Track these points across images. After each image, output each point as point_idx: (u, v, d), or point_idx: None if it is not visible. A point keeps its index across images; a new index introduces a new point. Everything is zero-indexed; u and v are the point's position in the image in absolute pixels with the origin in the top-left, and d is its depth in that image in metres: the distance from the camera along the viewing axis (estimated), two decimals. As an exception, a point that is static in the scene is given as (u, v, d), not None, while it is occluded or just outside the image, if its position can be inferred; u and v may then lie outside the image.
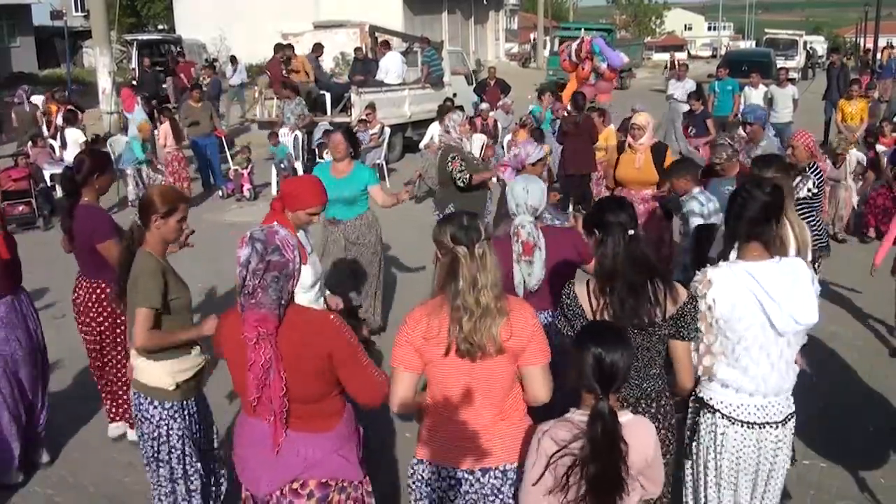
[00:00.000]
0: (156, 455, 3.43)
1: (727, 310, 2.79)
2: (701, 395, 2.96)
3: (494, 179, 6.62)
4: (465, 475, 2.64)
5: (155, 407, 3.38)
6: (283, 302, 2.50)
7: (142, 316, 3.26)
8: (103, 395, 4.79)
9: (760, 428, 2.88)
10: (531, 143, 5.48)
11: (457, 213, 2.73)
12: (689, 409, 3.03)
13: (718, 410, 2.90)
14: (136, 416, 3.47)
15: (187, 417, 3.46)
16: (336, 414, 2.65)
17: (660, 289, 2.79)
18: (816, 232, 5.34)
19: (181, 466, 3.46)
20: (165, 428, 3.40)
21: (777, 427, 2.89)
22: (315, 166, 6.30)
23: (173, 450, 3.43)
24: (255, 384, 2.49)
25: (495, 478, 2.64)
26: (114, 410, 4.78)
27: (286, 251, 2.49)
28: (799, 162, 5.46)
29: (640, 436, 2.39)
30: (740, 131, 7.19)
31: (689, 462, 3.08)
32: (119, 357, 4.57)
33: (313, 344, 2.52)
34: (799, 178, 5.46)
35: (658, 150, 6.56)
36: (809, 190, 5.37)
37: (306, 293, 3.93)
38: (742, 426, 2.87)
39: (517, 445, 2.63)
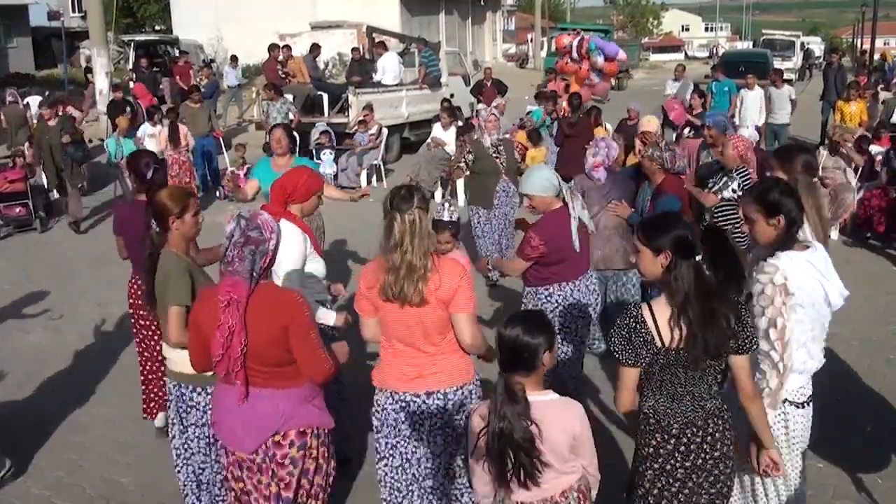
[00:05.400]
0: (207, 441, 3.55)
1: (802, 295, 2.93)
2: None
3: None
4: (411, 398, 3.15)
5: (199, 394, 3.51)
6: (255, 274, 2.81)
7: (175, 314, 3.40)
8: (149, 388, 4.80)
9: (809, 405, 3.08)
10: (609, 142, 5.63)
11: (404, 185, 3.22)
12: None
13: (786, 399, 3.02)
14: (181, 407, 3.56)
15: None
16: (300, 376, 2.91)
17: (731, 312, 2.66)
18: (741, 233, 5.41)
19: None
20: (211, 412, 3.49)
21: (811, 399, 3.11)
22: (259, 163, 6.36)
23: None
24: (221, 343, 2.78)
25: (438, 399, 3.15)
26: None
27: (265, 231, 2.83)
28: (727, 163, 5.67)
29: (561, 415, 2.57)
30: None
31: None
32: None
33: (275, 315, 2.81)
34: (724, 178, 5.56)
35: None
36: (734, 191, 5.48)
37: (324, 282, 4.09)
38: (801, 407, 3.06)
39: (454, 373, 3.16)
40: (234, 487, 3.00)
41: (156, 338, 4.54)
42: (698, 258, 2.62)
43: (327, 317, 3.88)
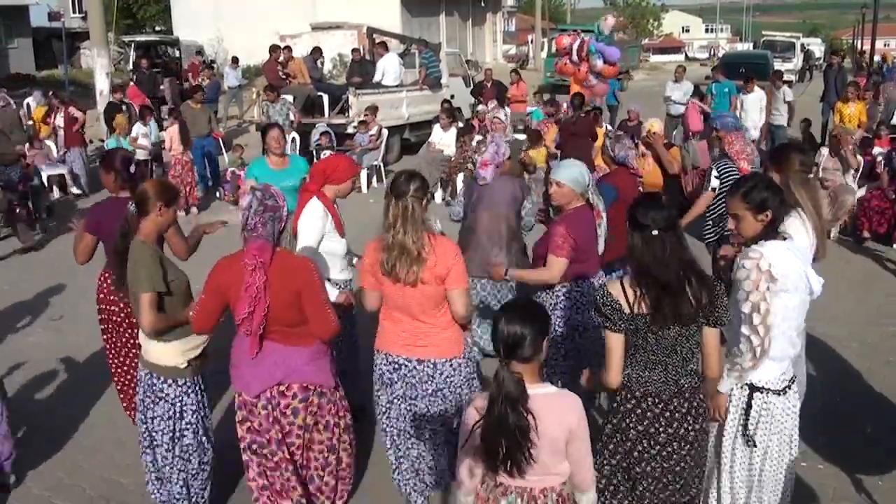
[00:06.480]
0: (171, 434, 3.60)
1: (787, 281, 3.00)
2: (749, 380, 3.11)
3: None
4: (404, 361, 3.49)
5: (170, 385, 3.59)
6: (274, 238, 3.19)
7: (146, 300, 3.43)
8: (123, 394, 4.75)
9: (790, 389, 3.15)
10: (499, 140, 5.57)
11: (406, 171, 3.48)
12: (734, 396, 3.15)
13: (765, 388, 3.10)
14: (149, 397, 3.60)
15: (199, 393, 3.68)
16: (312, 338, 3.29)
17: (694, 284, 2.85)
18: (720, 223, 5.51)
19: (196, 440, 3.64)
20: (180, 405, 3.60)
21: (793, 385, 3.17)
22: (254, 163, 6.34)
23: (188, 425, 3.62)
24: (248, 302, 3.12)
25: (428, 366, 3.48)
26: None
27: (278, 199, 3.23)
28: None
29: (557, 407, 2.56)
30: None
31: (729, 446, 3.17)
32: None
33: (289, 279, 3.17)
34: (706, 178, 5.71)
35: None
36: (716, 178, 5.59)
37: (341, 260, 4.36)
38: (779, 395, 3.11)
39: (444, 347, 3.48)
40: (244, 435, 3.36)
41: (125, 337, 4.50)
42: (654, 233, 2.82)
43: (331, 294, 4.09)
